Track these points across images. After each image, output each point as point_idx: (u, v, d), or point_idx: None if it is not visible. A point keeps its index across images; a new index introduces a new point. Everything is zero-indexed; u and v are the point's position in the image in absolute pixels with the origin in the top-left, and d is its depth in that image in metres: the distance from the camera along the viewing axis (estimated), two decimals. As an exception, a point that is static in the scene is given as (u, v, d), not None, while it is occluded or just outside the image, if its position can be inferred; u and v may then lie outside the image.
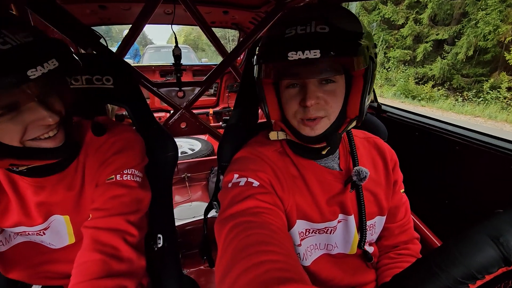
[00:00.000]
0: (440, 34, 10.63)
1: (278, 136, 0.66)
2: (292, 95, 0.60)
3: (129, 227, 0.63)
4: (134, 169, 0.68)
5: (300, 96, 0.58)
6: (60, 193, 0.68)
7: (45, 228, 0.70)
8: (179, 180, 2.24)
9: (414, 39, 11.65)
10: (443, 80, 10.70)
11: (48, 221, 0.69)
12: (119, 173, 0.66)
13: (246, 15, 2.14)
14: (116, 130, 0.72)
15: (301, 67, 0.55)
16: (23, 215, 0.68)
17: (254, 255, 0.44)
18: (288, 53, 0.49)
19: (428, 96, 10.38)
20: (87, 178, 0.69)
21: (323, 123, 0.60)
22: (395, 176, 0.75)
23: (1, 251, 0.71)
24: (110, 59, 0.85)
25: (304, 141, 0.62)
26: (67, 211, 0.69)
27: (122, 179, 0.66)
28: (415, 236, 0.80)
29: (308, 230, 0.67)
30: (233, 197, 0.57)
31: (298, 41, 0.51)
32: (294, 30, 0.52)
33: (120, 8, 1.81)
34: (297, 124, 0.62)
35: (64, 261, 0.75)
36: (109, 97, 0.84)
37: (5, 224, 0.68)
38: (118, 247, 0.60)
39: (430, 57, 11.37)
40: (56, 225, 0.70)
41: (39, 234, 0.71)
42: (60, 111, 0.57)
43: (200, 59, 7.93)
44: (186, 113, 1.67)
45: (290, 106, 0.60)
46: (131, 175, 0.67)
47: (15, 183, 0.67)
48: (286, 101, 0.61)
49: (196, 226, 1.66)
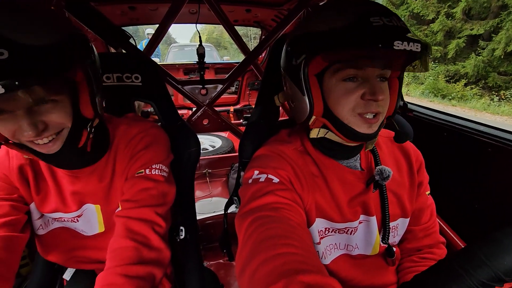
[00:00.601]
0: (475, 29, 9.96)
1: (318, 133, 0.63)
2: (351, 88, 0.56)
3: (157, 218, 0.67)
4: (161, 164, 0.72)
5: (361, 90, 0.56)
6: (92, 183, 0.72)
7: (78, 215, 0.75)
8: (200, 175, 2.30)
9: (445, 34, 11.02)
10: (477, 78, 10.05)
11: (81, 209, 0.74)
12: (148, 168, 0.70)
13: (269, 13, 2.14)
14: (144, 125, 0.76)
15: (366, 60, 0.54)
16: (60, 202, 0.73)
17: (273, 247, 0.45)
18: (395, 42, 0.47)
19: (459, 95, 9.81)
20: (117, 171, 0.73)
21: (380, 120, 0.59)
22: (420, 177, 0.73)
23: (40, 234, 0.77)
24: (139, 58, 0.89)
25: (355, 138, 0.60)
26: (98, 200, 0.74)
27: (151, 173, 0.70)
28: (440, 241, 0.77)
29: (328, 229, 0.67)
30: (253, 193, 0.58)
31: (398, 32, 0.49)
32: (381, 20, 0.50)
33: (148, 9, 1.88)
34: (352, 120, 0.58)
35: (94, 248, 0.80)
36: (137, 94, 0.88)
37: (45, 209, 0.74)
38: (148, 236, 0.64)
39: (462, 53, 10.71)
40: (88, 213, 0.75)
41: (73, 221, 0.76)
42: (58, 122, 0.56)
43: (222, 57, 8.02)
44: (208, 110, 1.71)
45: (349, 99, 0.57)
46: (159, 170, 0.71)
47: (54, 172, 0.72)
48: (341, 95, 0.57)
49: (216, 221, 1.70)
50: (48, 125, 0.55)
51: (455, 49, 10.54)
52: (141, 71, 0.86)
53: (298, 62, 0.59)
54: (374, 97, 0.54)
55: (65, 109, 0.56)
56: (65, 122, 0.57)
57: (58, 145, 0.58)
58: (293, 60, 0.61)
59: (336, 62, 0.56)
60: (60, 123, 0.56)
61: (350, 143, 0.63)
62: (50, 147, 0.57)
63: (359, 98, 0.56)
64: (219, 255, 1.60)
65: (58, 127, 0.56)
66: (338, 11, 0.55)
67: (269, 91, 0.86)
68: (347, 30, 0.51)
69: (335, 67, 0.56)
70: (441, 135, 1.15)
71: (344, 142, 0.62)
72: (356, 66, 0.55)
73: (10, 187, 0.70)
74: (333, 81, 0.58)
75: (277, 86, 0.81)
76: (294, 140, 0.71)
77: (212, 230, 1.69)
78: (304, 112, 0.62)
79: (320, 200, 0.65)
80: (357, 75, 0.56)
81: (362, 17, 0.51)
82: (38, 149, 0.57)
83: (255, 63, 1.73)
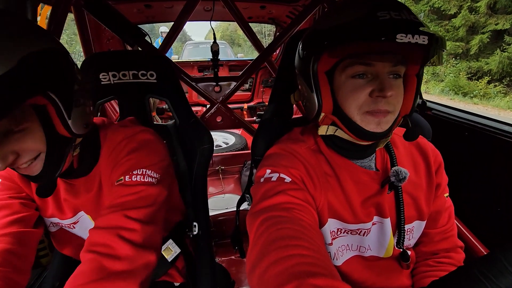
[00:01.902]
0: (500, 23, 9.47)
1: (327, 130, 0.63)
2: (360, 85, 0.56)
3: (127, 222, 0.58)
4: (146, 169, 0.65)
5: (371, 87, 0.55)
6: (82, 193, 0.72)
7: (74, 222, 0.76)
8: (213, 172, 2.32)
9: (468, 30, 10.55)
10: (502, 76, 9.57)
11: (76, 216, 0.75)
12: (128, 174, 0.64)
13: (283, 9, 2.13)
14: (131, 131, 0.72)
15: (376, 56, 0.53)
16: (56, 208, 0.74)
17: (284, 248, 0.45)
18: (398, 35, 0.46)
19: (482, 93, 9.38)
20: (103, 180, 0.71)
21: (390, 119, 0.57)
22: (438, 179, 0.70)
23: (52, 231, 0.80)
24: (154, 55, 0.91)
25: (363, 137, 0.59)
26: (89, 211, 0.74)
27: (131, 180, 0.64)
28: (458, 245, 0.74)
29: (340, 230, 0.66)
30: (265, 192, 0.58)
31: (403, 25, 0.48)
32: (388, 15, 0.49)
33: (163, 7, 1.91)
34: (360, 118, 0.57)
35: None
36: (152, 91, 0.90)
37: (45, 214, 0.75)
38: (111, 244, 0.55)
39: (486, 49, 10.22)
40: (84, 221, 0.76)
41: (70, 227, 0.77)
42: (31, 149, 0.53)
43: (236, 54, 8.03)
44: (222, 107, 1.72)
45: (356, 96, 0.56)
46: (141, 176, 0.64)
47: None
48: (350, 91, 0.57)
49: (228, 217, 1.71)
50: (20, 154, 0.52)
51: (478, 45, 10.07)
52: (156, 69, 0.88)
53: (306, 59, 0.59)
54: (382, 93, 0.53)
55: (36, 134, 0.52)
56: (39, 148, 0.54)
57: (39, 168, 0.55)
58: (303, 58, 0.61)
59: (344, 59, 0.56)
60: (33, 149, 0.53)
61: (361, 142, 0.61)
62: (31, 169, 0.55)
63: (367, 96, 0.55)
64: (231, 251, 1.62)
65: (32, 153, 0.53)
66: (348, 8, 0.54)
67: (283, 88, 0.86)
68: (352, 25, 0.51)
69: (344, 63, 0.56)
70: (462, 135, 1.11)
71: (354, 140, 0.61)
72: (365, 62, 0.54)
73: (18, 186, 0.71)
74: (342, 78, 0.57)
75: (291, 83, 0.80)
76: (307, 138, 0.70)
77: (224, 227, 1.70)
78: (314, 109, 0.62)
79: (333, 200, 0.64)
80: (367, 72, 0.55)
81: (370, 12, 0.50)
82: (21, 172, 0.56)
83: (269, 60, 1.72)
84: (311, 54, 0.58)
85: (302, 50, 0.62)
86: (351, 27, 0.51)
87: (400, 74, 0.57)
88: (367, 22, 0.50)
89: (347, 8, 0.55)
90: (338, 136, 0.63)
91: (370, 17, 0.50)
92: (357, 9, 0.52)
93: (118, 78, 0.87)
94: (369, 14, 0.50)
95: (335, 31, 0.53)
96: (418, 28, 0.46)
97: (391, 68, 0.55)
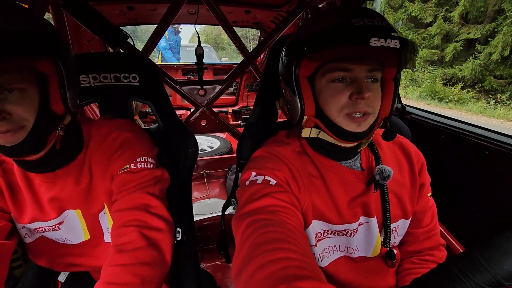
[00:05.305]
0: (472, 33, 10.01)
1: (310, 133, 0.65)
2: (340, 89, 0.59)
3: (150, 199, 0.66)
4: (146, 157, 0.71)
5: (350, 90, 0.58)
6: (69, 187, 0.70)
7: (59, 222, 0.73)
8: (197, 176, 2.29)
9: (442, 38, 11.07)
10: (474, 82, 10.10)
11: (61, 215, 0.72)
12: (133, 162, 0.69)
13: (268, 15, 2.15)
14: (117, 123, 0.75)
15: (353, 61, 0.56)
16: (38, 210, 0.71)
17: (270, 252, 0.45)
18: (371, 39, 0.48)
19: (456, 98, 9.85)
20: (95, 172, 0.71)
21: (369, 120, 0.60)
22: (421, 179, 0.73)
23: (28, 242, 0.75)
24: (137, 58, 0.89)
25: (346, 138, 0.61)
26: (78, 205, 0.72)
27: (137, 167, 0.69)
28: (441, 243, 0.77)
29: (326, 231, 0.67)
30: (250, 195, 0.58)
31: (376, 30, 0.51)
32: (361, 21, 0.52)
33: (147, 9, 1.88)
34: (341, 119, 0.60)
35: (84, 255, 0.78)
36: (135, 94, 0.88)
37: (23, 220, 0.71)
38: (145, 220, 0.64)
39: (460, 57, 10.76)
40: (70, 220, 0.73)
41: (54, 229, 0.74)
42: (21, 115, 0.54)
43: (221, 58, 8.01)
44: (206, 111, 1.70)
45: (337, 100, 0.59)
46: (144, 163, 0.70)
47: (31, 180, 0.70)
48: (330, 95, 0.60)
49: (213, 222, 1.69)
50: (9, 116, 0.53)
51: (452, 52, 10.59)
52: (139, 71, 0.86)
53: (289, 65, 0.62)
54: (360, 95, 0.56)
55: (31, 102, 0.55)
56: (29, 117, 0.55)
57: (18, 138, 0.55)
58: (285, 64, 0.64)
59: (323, 64, 0.59)
60: (23, 116, 0.54)
61: (343, 144, 0.63)
62: (11, 137, 0.54)
63: (347, 98, 0.58)
64: (216, 256, 1.60)
65: (20, 120, 0.54)
66: (326, 16, 0.58)
67: (267, 92, 0.86)
68: (328, 32, 0.54)
69: (324, 69, 0.59)
70: (439, 138, 1.16)
71: (337, 142, 0.63)
72: (343, 67, 0.57)
73: None
74: (323, 82, 0.60)
75: (275, 87, 0.81)
76: (292, 141, 0.71)
77: (209, 232, 1.68)
78: (297, 112, 0.64)
79: (318, 202, 0.65)
80: (346, 76, 0.58)
81: (345, 19, 0.53)
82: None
83: (254, 64, 1.73)
84: (292, 60, 0.60)
85: (285, 56, 0.64)
86: (328, 33, 0.54)
87: (377, 78, 0.60)
88: (342, 28, 0.53)
89: (325, 16, 0.58)
90: (321, 139, 0.65)
91: (345, 23, 0.53)
92: (334, 17, 0.55)
93: (99, 80, 0.84)
94: (344, 21, 0.53)
95: (313, 38, 0.55)
96: (390, 33, 0.49)
97: (368, 72, 0.58)
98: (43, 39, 0.53)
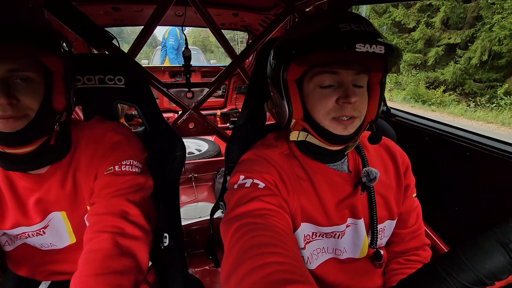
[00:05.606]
0: (453, 38, 10.41)
1: (298, 136, 0.66)
2: (327, 93, 0.59)
3: (129, 206, 0.64)
4: (132, 160, 0.70)
5: (337, 94, 0.59)
6: (54, 189, 0.68)
7: (44, 226, 0.71)
8: (185, 180, 2.26)
9: (425, 42, 11.45)
10: (455, 85, 10.49)
11: (46, 219, 0.70)
12: (118, 164, 0.68)
13: (256, 18, 2.16)
14: (108, 126, 0.74)
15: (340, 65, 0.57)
16: (21, 215, 0.68)
17: (259, 256, 0.44)
18: (357, 44, 0.49)
19: (438, 101, 10.19)
20: (81, 174, 0.69)
21: (356, 123, 0.61)
22: (407, 180, 0.74)
23: (7, 250, 0.72)
24: (122, 60, 0.87)
25: (333, 141, 0.62)
26: (63, 207, 0.70)
27: (121, 169, 0.68)
28: (426, 243, 0.79)
29: (315, 234, 0.67)
30: (239, 198, 0.58)
31: (362, 35, 0.52)
32: (348, 26, 0.53)
33: (133, 10, 1.85)
34: (328, 123, 0.60)
35: (68, 261, 0.76)
36: (120, 96, 0.86)
37: (4, 226, 0.69)
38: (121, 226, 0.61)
39: (441, 61, 11.15)
40: (55, 223, 0.71)
41: (39, 234, 0.71)
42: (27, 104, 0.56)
43: (209, 60, 7.97)
44: (194, 113, 1.69)
45: (324, 104, 0.60)
46: (129, 166, 0.69)
47: (13, 183, 0.68)
48: (317, 99, 0.60)
49: (202, 226, 1.67)
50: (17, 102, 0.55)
51: (434, 56, 10.96)
52: (124, 73, 0.84)
53: (277, 68, 0.62)
54: (347, 99, 0.57)
55: (37, 94, 0.58)
56: (33, 106, 0.57)
57: (19, 125, 0.56)
58: (273, 67, 0.64)
59: (311, 68, 0.59)
60: (28, 106, 0.57)
61: (330, 147, 0.64)
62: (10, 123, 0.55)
63: (334, 103, 0.59)
64: (205, 261, 1.57)
65: (24, 109, 0.56)
66: (314, 20, 0.59)
67: (256, 95, 0.86)
68: (316, 36, 0.55)
69: (312, 73, 0.60)
70: (423, 140, 1.19)
71: (324, 145, 0.64)
72: (330, 71, 0.58)
73: None
74: (310, 86, 0.61)
75: (264, 90, 0.81)
76: (281, 144, 0.71)
77: (197, 236, 1.65)
78: (285, 116, 0.64)
79: (306, 204, 0.65)
80: (332, 81, 0.59)
81: (332, 24, 0.54)
82: None
83: (242, 67, 1.72)
84: (280, 63, 0.61)
85: (273, 59, 0.64)
86: (315, 38, 0.54)
87: (362, 85, 0.61)
88: (329, 33, 0.53)
89: (314, 20, 0.58)
90: (309, 142, 0.65)
91: (333, 28, 0.53)
92: (322, 22, 0.56)
93: (83, 82, 0.82)
94: (331, 26, 0.54)
95: (301, 42, 0.56)
96: (376, 39, 0.50)
97: (354, 76, 0.59)
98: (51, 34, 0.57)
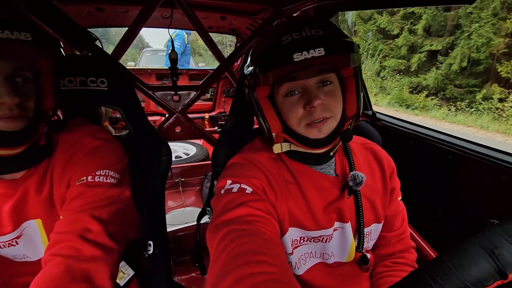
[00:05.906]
0: (434, 45, 10.81)
1: (282, 148, 0.66)
2: (294, 102, 0.60)
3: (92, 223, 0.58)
4: (108, 170, 0.65)
5: (303, 101, 0.59)
6: (30, 195, 0.65)
7: (17, 236, 0.67)
8: (172, 185, 2.22)
9: (408, 49, 11.82)
10: (437, 90, 10.86)
11: (20, 228, 0.66)
12: (91, 175, 0.63)
13: (244, 21, 2.16)
14: (88, 130, 0.70)
15: (300, 71, 0.56)
16: None
17: (246, 265, 0.43)
18: (294, 55, 0.50)
19: (421, 105, 10.51)
20: (55, 180, 0.66)
21: (329, 124, 0.61)
22: (392, 183, 0.75)
23: None
24: (105, 61, 0.84)
25: (312, 145, 0.62)
26: (39, 214, 0.67)
27: (94, 180, 0.63)
28: (411, 245, 0.80)
29: (303, 238, 0.67)
30: (225, 204, 0.56)
31: (299, 44, 0.52)
32: (290, 37, 0.53)
33: (118, 11, 1.81)
34: (303, 130, 0.61)
35: None
36: (103, 99, 0.83)
37: None
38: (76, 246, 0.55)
39: (424, 67, 11.53)
40: (30, 232, 0.67)
41: (12, 245, 0.67)
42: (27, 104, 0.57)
43: (197, 63, 7.92)
44: (181, 117, 1.66)
45: (294, 112, 0.60)
46: (104, 177, 0.64)
47: None
48: (288, 109, 0.61)
49: (188, 232, 1.63)
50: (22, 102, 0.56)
51: (417, 62, 11.33)
52: (107, 75, 0.81)
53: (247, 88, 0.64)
54: (310, 105, 0.57)
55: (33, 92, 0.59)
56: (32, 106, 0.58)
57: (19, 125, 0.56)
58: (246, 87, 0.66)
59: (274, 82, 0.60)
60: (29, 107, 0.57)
61: (314, 151, 0.65)
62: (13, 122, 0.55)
63: (302, 109, 0.60)
64: (191, 269, 1.54)
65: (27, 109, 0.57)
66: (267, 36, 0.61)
67: (243, 98, 0.85)
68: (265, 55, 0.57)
69: (278, 84, 0.61)
70: (407, 144, 1.21)
71: (308, 150, 0.64)
72: (291, 79, 0.58)
73: None
74: (280, 98, 0.62)
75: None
76: (269, 148, 0.70)
77: (184, 243, 1.62)
78: (265, 131, 0.65)
79: (294, 208, 0.65)
80: (296, 87, 0.60)
81: (275, 39, 0.55)
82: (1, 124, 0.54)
83: (230, 70, 1.72)
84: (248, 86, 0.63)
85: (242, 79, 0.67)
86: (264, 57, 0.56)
87: (329, 81, 0.60)
88: (273, 49, 0.55)
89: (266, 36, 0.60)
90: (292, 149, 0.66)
91: (275, 44, 0.55)
92: (270, 37, 0.58)
93: (63, 84, 0.79)
94: (275, 41, 0.55)
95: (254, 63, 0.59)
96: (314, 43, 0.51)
97: (316, 78, 0.59)
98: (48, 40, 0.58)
